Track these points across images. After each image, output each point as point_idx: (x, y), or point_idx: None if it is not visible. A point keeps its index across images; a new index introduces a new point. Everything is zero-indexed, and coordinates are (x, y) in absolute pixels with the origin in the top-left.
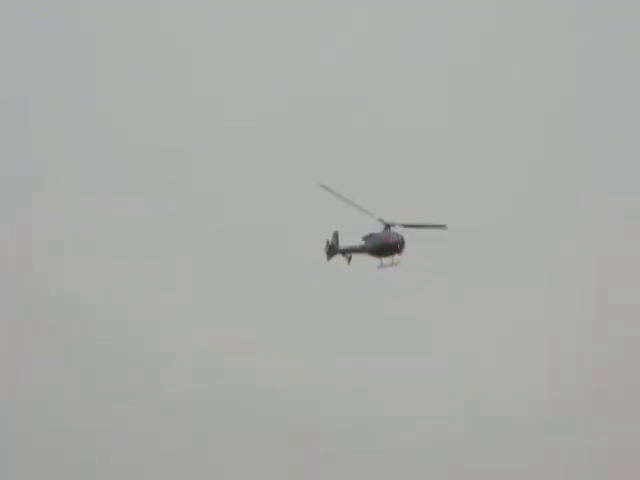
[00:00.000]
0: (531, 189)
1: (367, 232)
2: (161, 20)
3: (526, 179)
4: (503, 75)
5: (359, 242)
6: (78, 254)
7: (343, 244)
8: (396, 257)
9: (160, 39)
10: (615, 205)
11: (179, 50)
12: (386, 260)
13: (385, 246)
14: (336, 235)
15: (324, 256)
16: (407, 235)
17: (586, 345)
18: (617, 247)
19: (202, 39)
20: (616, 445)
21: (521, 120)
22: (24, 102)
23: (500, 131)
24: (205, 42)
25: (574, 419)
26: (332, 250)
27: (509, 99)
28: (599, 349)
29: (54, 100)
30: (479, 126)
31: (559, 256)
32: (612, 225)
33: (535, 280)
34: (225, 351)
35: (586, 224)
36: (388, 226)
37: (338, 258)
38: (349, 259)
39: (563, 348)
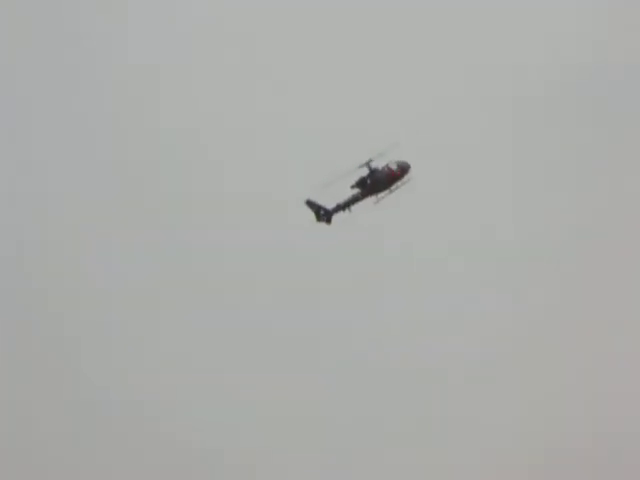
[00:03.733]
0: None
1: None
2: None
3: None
4: None
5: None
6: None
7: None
8: (405, 177)
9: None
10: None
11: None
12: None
13: (394, 178)
14: (310, 202)
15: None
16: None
17: None
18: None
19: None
20: None
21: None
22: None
23: None
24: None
25: None
26: (322, 213)
27: None
28: None
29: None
30: None
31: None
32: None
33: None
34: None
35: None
36: (368, 163)
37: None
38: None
39: None
